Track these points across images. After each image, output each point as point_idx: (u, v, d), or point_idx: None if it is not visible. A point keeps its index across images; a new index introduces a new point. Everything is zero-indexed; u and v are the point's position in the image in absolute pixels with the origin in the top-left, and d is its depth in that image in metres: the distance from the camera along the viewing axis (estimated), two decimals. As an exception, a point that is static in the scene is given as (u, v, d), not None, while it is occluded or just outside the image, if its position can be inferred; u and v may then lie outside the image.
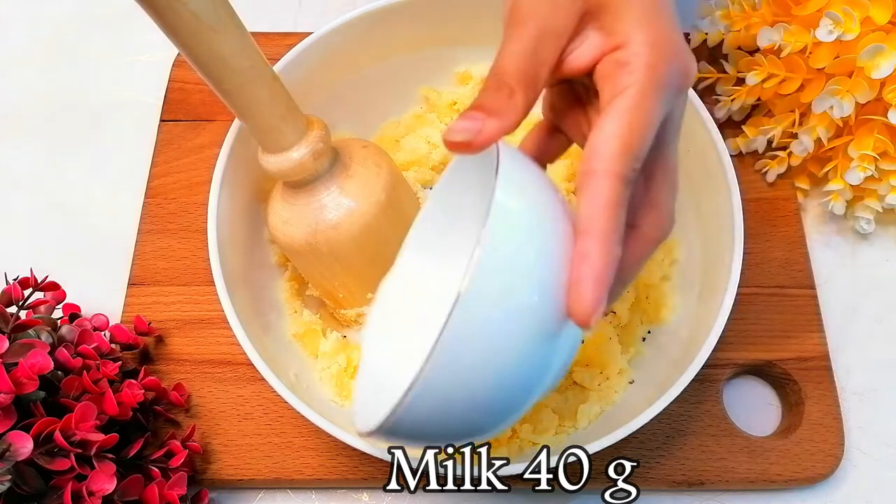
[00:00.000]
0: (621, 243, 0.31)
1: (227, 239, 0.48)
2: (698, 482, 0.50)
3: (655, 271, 0.53)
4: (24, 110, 0.67)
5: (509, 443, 0.48)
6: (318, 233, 0.46)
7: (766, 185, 0.60)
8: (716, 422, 0.52)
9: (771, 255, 0.58)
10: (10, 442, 0.40)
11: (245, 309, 0.46)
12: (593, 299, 0.29)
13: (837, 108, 0.53)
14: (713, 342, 0.44)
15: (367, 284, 0.49)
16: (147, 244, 0.58)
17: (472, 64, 0.58)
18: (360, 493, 0.52)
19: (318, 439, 0.51)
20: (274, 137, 0.43)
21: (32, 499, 0.41)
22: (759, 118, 0.61)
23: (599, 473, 0.50)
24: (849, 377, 0.55)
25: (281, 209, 0.48)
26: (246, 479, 0.51)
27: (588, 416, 0.49)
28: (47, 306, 0.51)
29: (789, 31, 0.53)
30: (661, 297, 0.53)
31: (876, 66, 0.50)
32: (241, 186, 0.50)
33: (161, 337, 0.55)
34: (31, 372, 0.41)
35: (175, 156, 0.62)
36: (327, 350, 0.50)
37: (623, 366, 0.51)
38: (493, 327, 0.29)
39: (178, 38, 0.38)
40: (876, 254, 0.60)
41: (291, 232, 0.47)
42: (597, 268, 0.29)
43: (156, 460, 0.47)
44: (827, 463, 0.51)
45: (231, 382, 0.53)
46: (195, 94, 0.64)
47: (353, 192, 0.46)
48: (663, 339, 0.52)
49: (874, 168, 0.55)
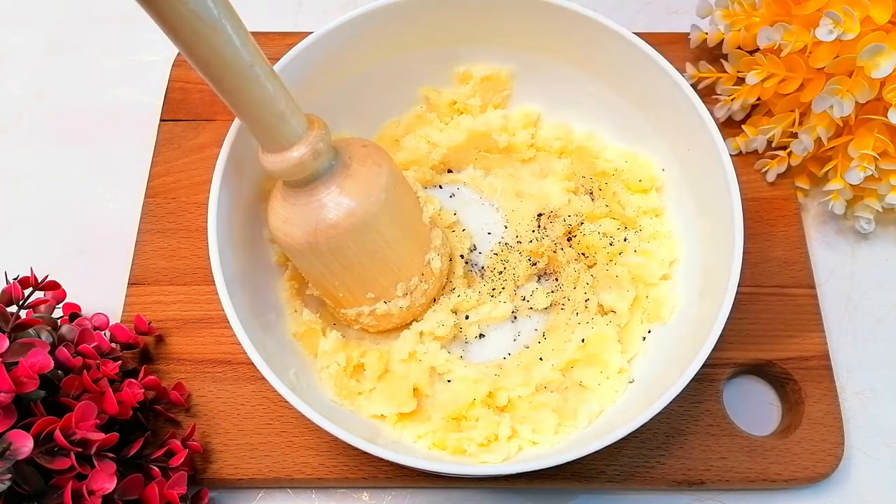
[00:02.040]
0: None
1: (227, 239, 0.48)
2: (698, 482, 0.50)
3: (656, 270, 0.53)
4: (24, 110, 0.67)
5: (508, 442, 0.48)
6: (319, 232, 0.46)
7: (766, 185, 0.61)
8: (716, 421, 0.52)
9: (771, 254, 0.58)
10: (10, 441, 0.40)
11: (245, 308, 0.46)
12: None
13: (837, 107, 0.53)
14: (713, 341, 0.44)
15: (367, 284, 0.49)
16: (147, 244, 0.58)
17: (472, 64, 0.58)
18: (360, 493, 0.52)
19: (318, 438, 0.51)
20: (274, 136, 0.43)
21: (32, 498, 0.41)
22: (759, 118, 0.61)
23: (599, 473, 0.51)
24: (849, 377, 0.55)
25: (281, 208, 0.48)
26: (246, 478, 0.51)
27: (588, 416, 0.50)
28: (47, 306, 0.51)
29: (789, 31, 0.53)
30: (662, 297, 0.53)
31: (876, 66, 0.50)
32: (241, 186, 0.50)
33: (161, 336, 0.55)
34: (32, 371, 0.41)
35: (175, 156, 0.62)
36: (327, 349, 0.50)
37: (623, 365, 0.51)
38: None
39: (179, 38, 0.38)
40: (876, 253, 0.60)
41: (291, 231, 0.47)
42: None
43: (156, 459, 0.47)
44: (827, 463, 0.51)
45: (231, 382, 0.53)
46: (195, 94, 0.64)
47: (353, 192, 0.46)
48: (663, 339, 0.52)
49: (874, 168, 0.55)
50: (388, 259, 0.49)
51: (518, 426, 0.49)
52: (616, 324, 0.53)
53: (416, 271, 0.50)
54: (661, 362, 0.51)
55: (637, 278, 0.54)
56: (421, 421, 0.50)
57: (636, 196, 0.56)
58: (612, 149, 0.58)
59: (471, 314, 0.54)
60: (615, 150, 0.57)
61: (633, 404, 0.49)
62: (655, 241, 0.55)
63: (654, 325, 0.53)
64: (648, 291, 0.54)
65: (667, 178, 0.56)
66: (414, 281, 0.50)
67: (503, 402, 0.50)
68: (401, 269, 0.50)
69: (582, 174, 0.58)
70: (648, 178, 0.55)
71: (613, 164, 0.57)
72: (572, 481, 0.51)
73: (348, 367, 0.51)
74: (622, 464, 0.51)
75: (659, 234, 0.55)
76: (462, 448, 0.48)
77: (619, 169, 0.56)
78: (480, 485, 0.52)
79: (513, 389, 0.50)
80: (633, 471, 0.51)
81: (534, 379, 0.51)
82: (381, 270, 0.49)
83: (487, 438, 0.48)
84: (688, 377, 0.43)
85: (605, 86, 0.55)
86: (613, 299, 0.53)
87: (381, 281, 0.50)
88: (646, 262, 0.54)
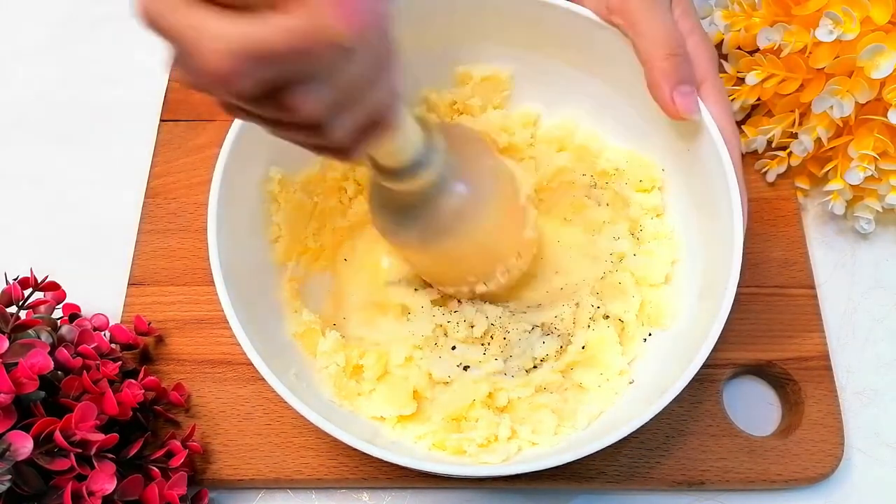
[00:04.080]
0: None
1: (228, 239, 0.48)
2: (698, 482, 0.50)
3: (656, 270, 0.53)
4: (24, 110, 0.67)
5: (508, 443, 0.48)
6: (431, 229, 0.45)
7: (766, 185, 0.61)
8: (716, 422, 0.52)
9: (771, 255, 0.58)
10: (10, 442, 0.40)
11: (245, 309, 0.46)
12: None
13: (837, 107, 0.53)
14: (713, 342, 0.44)
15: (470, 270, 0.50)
16: (147, 244, 0.58)
17: (472, 64, 0.58)
18: (360, 493, 0.52)
19: (317, 439, 0.51)
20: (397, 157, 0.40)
21: (32, 499, 0.41)
22: (759, 118, 0.61)
23: (599, 473, 0.51)
24: (849, 377, 0.55)
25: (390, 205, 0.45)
26: (246, 479, 0.51)
27: (588, 417, 0.50)
28: (47, 306, 0.51)
29: (789, 31, 0.53)
30: (662, 297, 0.53)
31: (876, 66, 0.50)
32: (241, 186, 0.50)
33: (161, 337, 0.55)
34: (31, 372, 0.41)
35: (175, 156, 0.62)
36: (326, 349, 0.50)
37: (623, 367, 0.51)
38: None
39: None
40: (876, 254, 0.60)
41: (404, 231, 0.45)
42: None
43: (156, 460, 0.47)
44: (827, 463, 0.51)
45: (231, 382, 0.53)
46: (195, 94, 0.64)
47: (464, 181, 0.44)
48: (664, 339, 0.52)
49: (874, 168, 0.55)
50: (492, 245, 0.49)
51: (518, 427, 0.49)
52: (616, 325, 0.53)
53: (514, 252, 0.51)
54: (661, 363, 0.51)
55: (641, 280, 0.54)
56: (421, 421, 0.50)
57: (639, 195, 0.56)
58: (613, 148, 0.58)
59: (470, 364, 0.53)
60: (615, 149, 0.57)
61: (633, 405, 0.49)
62: (656, 242, 0.54)
63: (655, 326, 0.53)
64: (651, 294, 0.54)
65: (667, 178, 0.56)
66: (512, 261, 0.51)
67: (503, 403, 0.50)
68: (502, 253, 0.50)
69: (581, 172, 0.58)
70: (650, 179, 0.55)
71: (614, 163, 0.57)
72: (572, 482, 0.51)
73: (347, 367, 0.51)
74: (622, 464, 0.51)
75: (660, 235, 0.55)
76: (462, 449, 0.48)
77: (621, 169, 0.56)
78: (480, 485, 0.52)
79: (512, 390, 0.50)
80: (632, 471, 0.51)
81: (533, 380, 0.51)
82: (485, 257, 0.49)
83: (487, 439, 0.48)
84: (687, 378, 0.43)
85: (604, 86, 0.55)
86: (620, 308, 0.53)
87: (483, 267, 0.50)
88: (648, 261, 0.54)
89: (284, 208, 0.53)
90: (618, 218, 0.56)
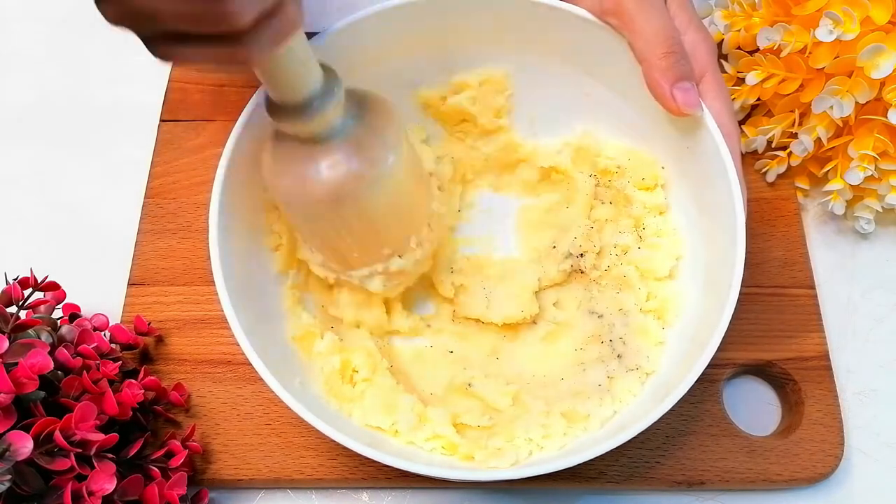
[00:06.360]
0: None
1: (228, 239, 0.47)
2: (698, 482, 0.50)
3: (663, 265, 0.53)
4: (24, 110, 0.67)
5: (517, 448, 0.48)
6: (343, 185, 0.44)
7: (766, 185, 0.60)
8: (716, 422, 0.52)
9: (771, 254, 0.58)
10: (10, 442, 0.40)
11: (245, 309, 0.46)
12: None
13: (837, 107, 0.53)
14: (717, 343, 0.44)
15: (384, 237, 0.48)
16: (147, 244, 0.58)
17: (471, 64, 0.58)
18: (360, 493, 0.52)
19: (317, 439, 0.51)
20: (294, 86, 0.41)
21: (32, 499, 0.41)
22: (759, 118, 0.61)
23: (600, 473, 0.51)
24: (849, 377, 0.55)
25: (290, 165, 0.45)
26: (246, 479, 0.51)
27: (600, 420, 0.49)
28: (47, 306, 0.51)
29: (789, 31, 0.53)
30: (664, 298, 0.53)
31: (876, 66, 0.50)
32: (242, 186, 0.50)
33: (161, 337, 0.55)
34: (31, 372, 0.41)
35: (175, 156, 0.62)
36: (322, 351, 0.50)
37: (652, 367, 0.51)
38: None
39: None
40: (876, 254, 0.60)
41: (309, 189, 0.44)
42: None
43: (156, 460, 0.47)
44: (827, 463, 0.51)
45: (231, 382, 0.53)
46: (195, 94, 0.64)
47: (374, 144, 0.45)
48: (665, 339, 0.52)
49: (874, 168, 0.55)
50: (404, 210, 0.48)
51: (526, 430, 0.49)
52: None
53: (424, 222, 0.50)
54: (668, 360, 0.51)
55: (645, 273, 0.54)
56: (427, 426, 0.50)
57: (641, 193, 0.56)
58: (613, 147, 0.57)
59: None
60: (616, 147, 0.57)
61: (638, 404, 0.49)
62: (660, 238, 0.55)
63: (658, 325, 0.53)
64: (657, 288, 0.54)
65: (667, 177, 0.56)
66: (424, 231, 0.50)
67: (510, 406, 0.50)
68: (413, 220, 0.49)
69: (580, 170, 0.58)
70: (652, 177, 0.55)
71: (616, 161, 0.57)
72: (573, 482, 0.51)
73: (343, 369, 0.50)
74: (622, 464, 0.51)
75: (662, 232, 0.55)
76: (471, 455, 0.48)
77: (622, 167, 0.56)
78: (480, 486, 0.52)
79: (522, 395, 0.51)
80: (633, 471, 0.51)
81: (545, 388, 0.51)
82: (398, 222, 0.48)
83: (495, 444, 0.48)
84: (692, 378, 0.43)
85: (603, 86, 0.55)
86: (625, 300, 0.53)
87: (396, 233, 0.49)
88: (652, 254, 0.54)
89: (284, 217, 0.53)
90: (621, 215, 0.56)
